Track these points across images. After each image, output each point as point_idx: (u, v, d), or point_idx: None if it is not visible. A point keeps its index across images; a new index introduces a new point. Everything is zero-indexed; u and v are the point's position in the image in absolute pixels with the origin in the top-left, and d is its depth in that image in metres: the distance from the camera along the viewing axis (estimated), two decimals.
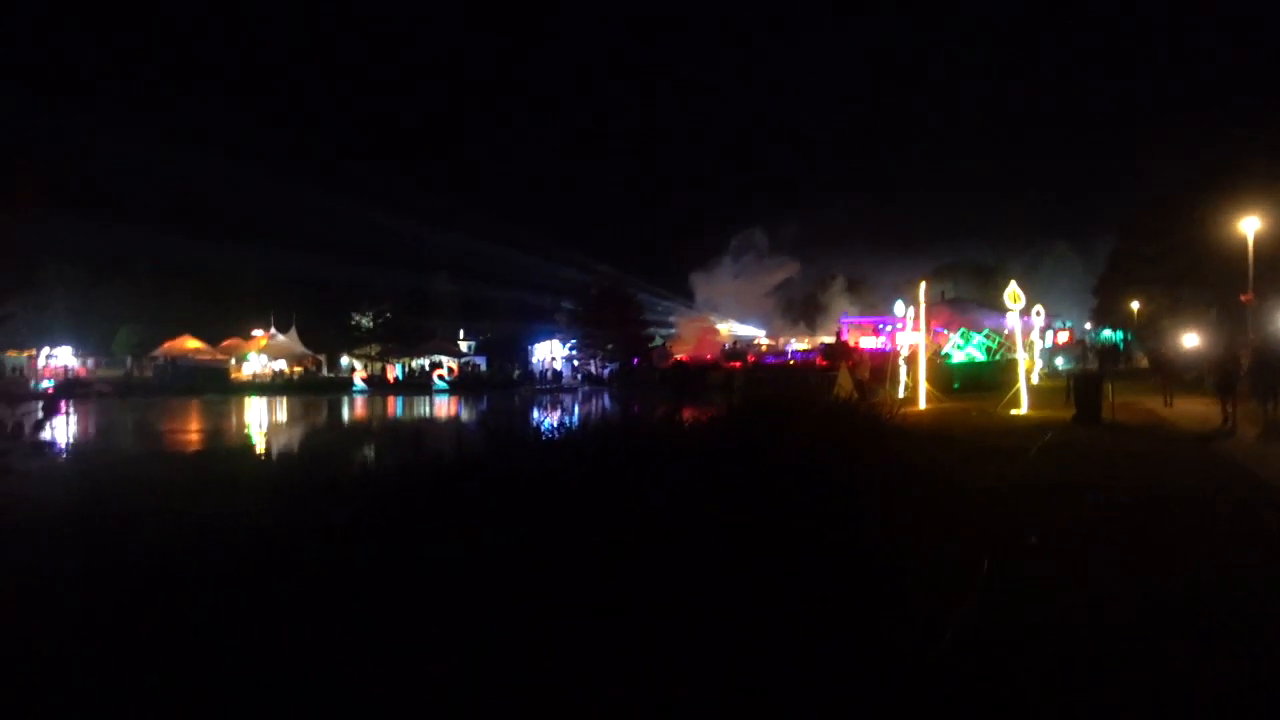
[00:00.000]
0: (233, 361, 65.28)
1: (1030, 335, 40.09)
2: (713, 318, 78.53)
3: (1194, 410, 21.51)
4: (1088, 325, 71.84)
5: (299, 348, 68.84)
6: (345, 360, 74.45)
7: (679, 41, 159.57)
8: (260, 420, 37.67)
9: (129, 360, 65.03)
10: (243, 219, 71.08)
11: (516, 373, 72.33)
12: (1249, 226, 26.06)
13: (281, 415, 40.55)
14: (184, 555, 6.66)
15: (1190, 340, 25.83)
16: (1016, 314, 25.63)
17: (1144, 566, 7.47)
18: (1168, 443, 16.63)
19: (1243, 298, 26.84)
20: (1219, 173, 38.84)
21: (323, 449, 25.51)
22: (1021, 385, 23.94)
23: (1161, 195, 49.45)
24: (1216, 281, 39.27)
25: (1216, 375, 21.25)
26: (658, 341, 77.49)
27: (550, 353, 77.88)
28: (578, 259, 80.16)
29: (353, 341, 75.91)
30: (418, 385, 64.55)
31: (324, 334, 72.76)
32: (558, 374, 71.47)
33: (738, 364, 62.30)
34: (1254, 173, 34.62)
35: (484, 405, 45.02)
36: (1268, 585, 6.95)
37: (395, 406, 47.12)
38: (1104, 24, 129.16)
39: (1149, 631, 5.84)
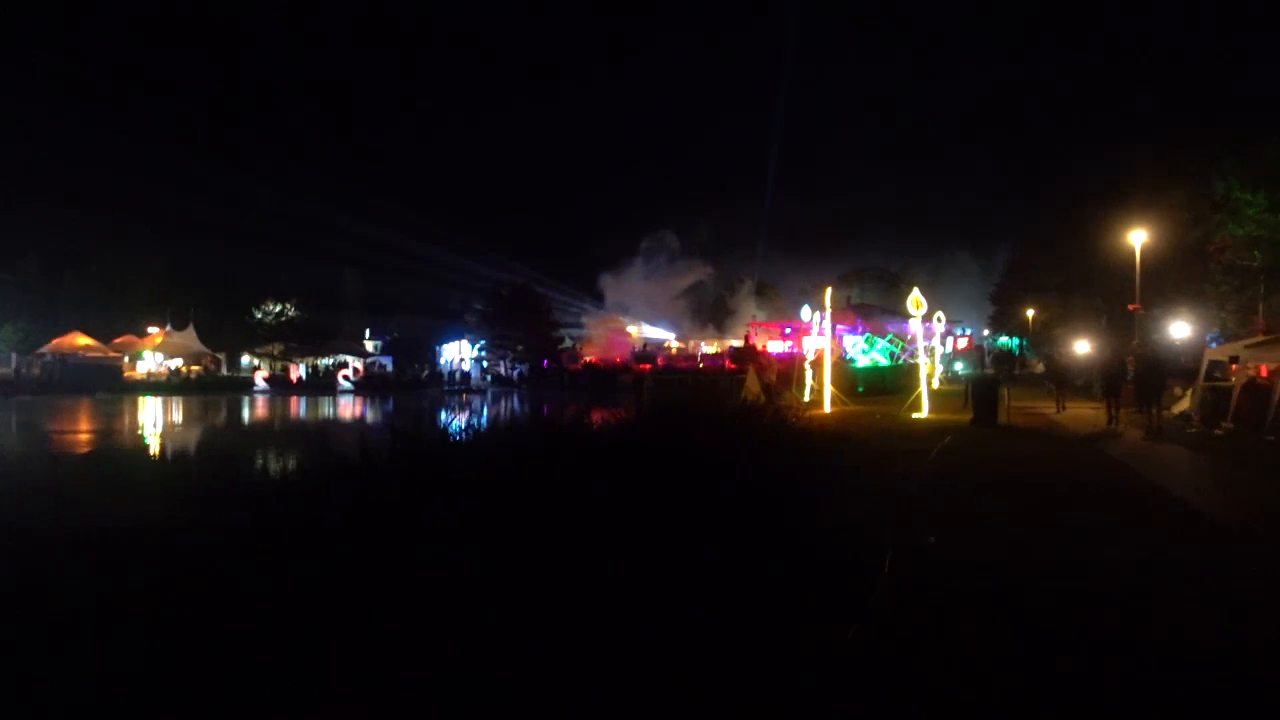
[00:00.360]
0: (126, 360, 62.86)
1: (931, 341, 41.23)
2: (623, 320, 78.72)
3: (1084, 415, 22.44)
4: (986, 331, 74.21)
5: (197, 345, 66.70)
6: (246, 359, 72.37)
7: (590, 40, 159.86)
8: (154, 421, 36.38)
9: (14, 358, 62.10)
10: (138, 208, 68.71)
11: (424, 373, 71.35)
12: (1136, 239, 27.23)
13: (177, 416, 39.22)
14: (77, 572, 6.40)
15: (1082, 347, 26.92)
16: (919, 320, 26.35)
17: (1042, 570, 7.72)
18: (1059, 444, 17.27)
19: (1130, 306, 28.04)
20: (1110, 185, 40.46)
21: (218, 452, 24.75)
22: (923, 389, 24.61)
23: (1056, 206, 51.34)
24: (1106, 290, 40.90)
25: (1103, 380, 22.43)
26: (568, 343, 77.37)
27: (459, 353, 77.12)
28: (489, 258, 79.59)
29: (254, 340, 73.83)
30: (322, 386, 63.20)
31: (224, 331, 70.64)
32: (466, 375, 70.80)
33: (647, 366, 62.57)
34: (1142, 185, 36.13)
35: (390, 407, 44.30)
36: (1134, 567, 7.27)
37: (298, 408, 46.01)
38: (1007, 33, 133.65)
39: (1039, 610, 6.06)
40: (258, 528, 6.70)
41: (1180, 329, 35.77)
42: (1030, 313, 56.37)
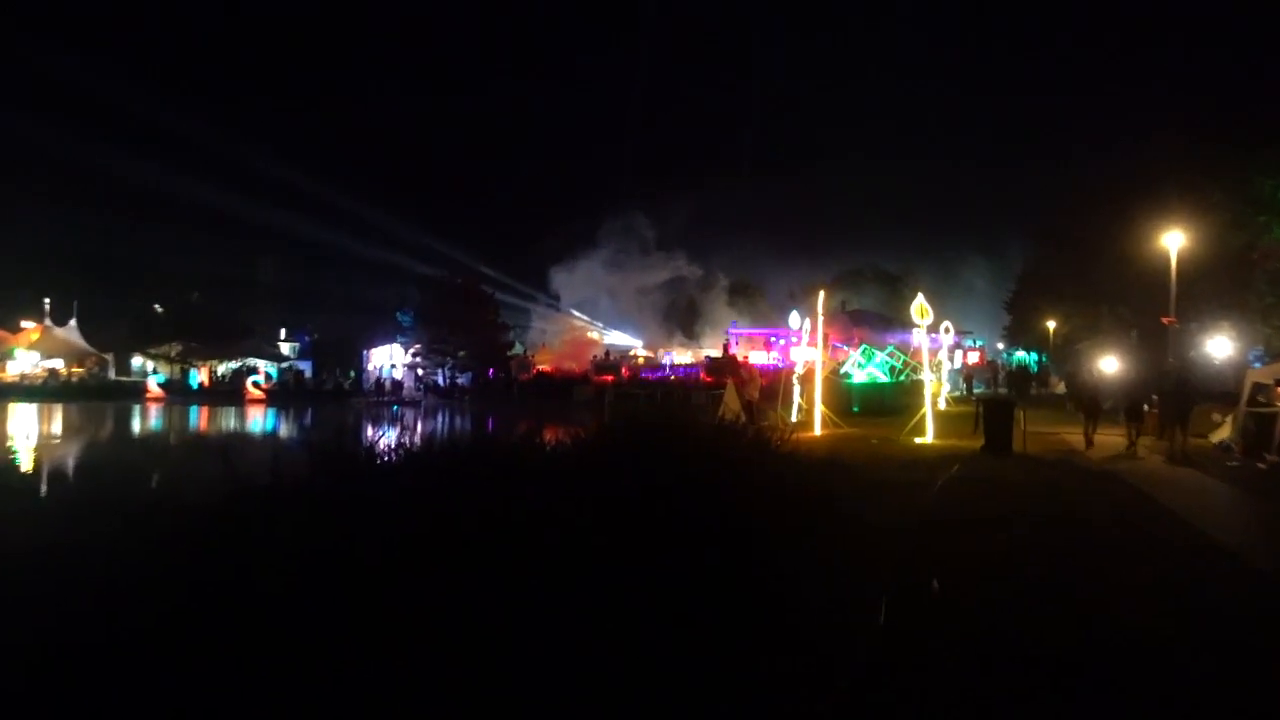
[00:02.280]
0: None
1: (938, 355, 41.53)
2: (582, 323, 78.72)
3: (1110, 442, 22.58)
4: (1000, 345, 74.95)
5: (80, 344, 65.83)
6: (138, 361, 71.49)
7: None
8: (22, 434, 35.77)
9: None
10: (10, 180, 67.56)
11: (348, 381, 70.90)
12: (1171, 243, 27.49)
13: (49, 428, 38.60)
14: None
15: (1109, 364, 27.22)
16: (924, 330, 26.51)
17: (1066, 627, 7.75)
18: (1081, 476, 17.39)
19: (1164, 320, 28.34)
20: (1140, 182, 41.03)
21: (84, 475, 24.30)
22: (927, 410, 24.76)
23: (1080, 204, 51.93)
24: (1136, 301, 41.45)
25: (1127, 402, 22.81)
26: (518, 349, 77.15)
27: (390, 359, 76.66)
28: (429, 249, 79.20)
29: (148, 338, 72.79)
30: (227, 394, 62.60)
31: (113, 328, 69.74)
32: (398, 384, 70.43)
33: (609, 378, 62.55)
34: (1174, 182, 36.62)
35: (307, 420, 43.92)
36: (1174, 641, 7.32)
37: (197, 419, 45.49)
38: (1025, 20, 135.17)
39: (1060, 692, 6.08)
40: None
41: (1220, 346, 36.31)
42: (1051, 324, 56.99)
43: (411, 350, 75.21)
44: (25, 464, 25.34)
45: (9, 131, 70.90)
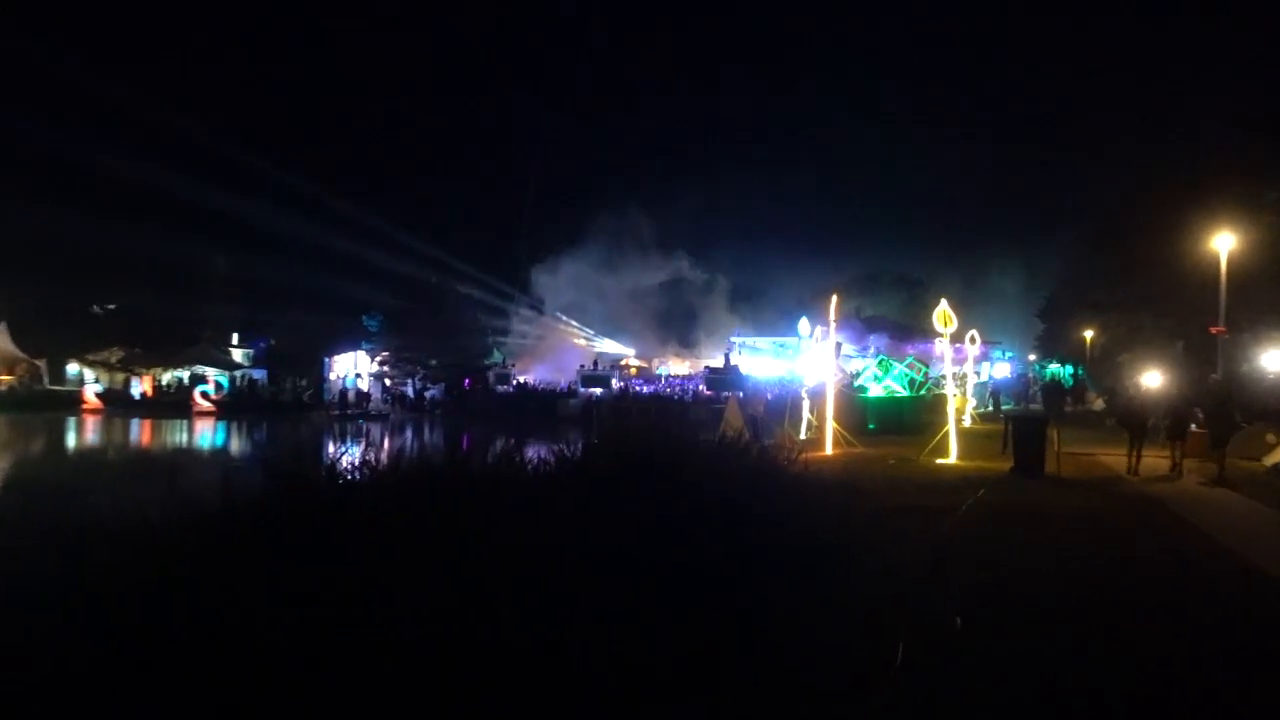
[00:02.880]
0: None
1: (963, 366, 41.55)
2: (567, 329, 78.71)
3: (1159, 465, 22.55)
4: (1031, 356, 75.03)
5: (10, 349, 65.66)
6: (74, 368, 71.30)
7: None
8: None
9: None
10: None
11: (308, 393, 70.74)
12: (1222, 244, 27.57)
13: None
14: None
15: (1152, 379, 27.20)
16: (947, 340, 26.50)
17: (1109, 680, 7.74)
18: (1124, 502, 17.34)
19: (1213, 329, 28.41)
20: (1192, 179, 41.13)
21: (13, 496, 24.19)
22: (950, 428, 24.76)
23: (1125, 203, 52.06)
24: (1184, 309, 41.53)
25: (1169, 420, 22.69)
26: (496, 357, 77.11)
27: (354, 368, 76.56)
28: (398, 245, 78.99)
29: (86, 343, 72.52)
30: (173, 405, 62.47)
31: (46, 332, 69.49)
32: (363, 396, 70.32)
33: (599, 389, 62.62)
34: (1231, 181, 36.74)
35: (261, 435, 43.84)
36: None
37: (138, 434, 45.37)
38: (1062, 13, 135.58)
39: None
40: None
41: (1275, 359, 36.37)
42: (1088, 334, 57.06)
43: (378, 358, 75.16)
44: None
45: None
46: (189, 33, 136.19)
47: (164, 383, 70.79)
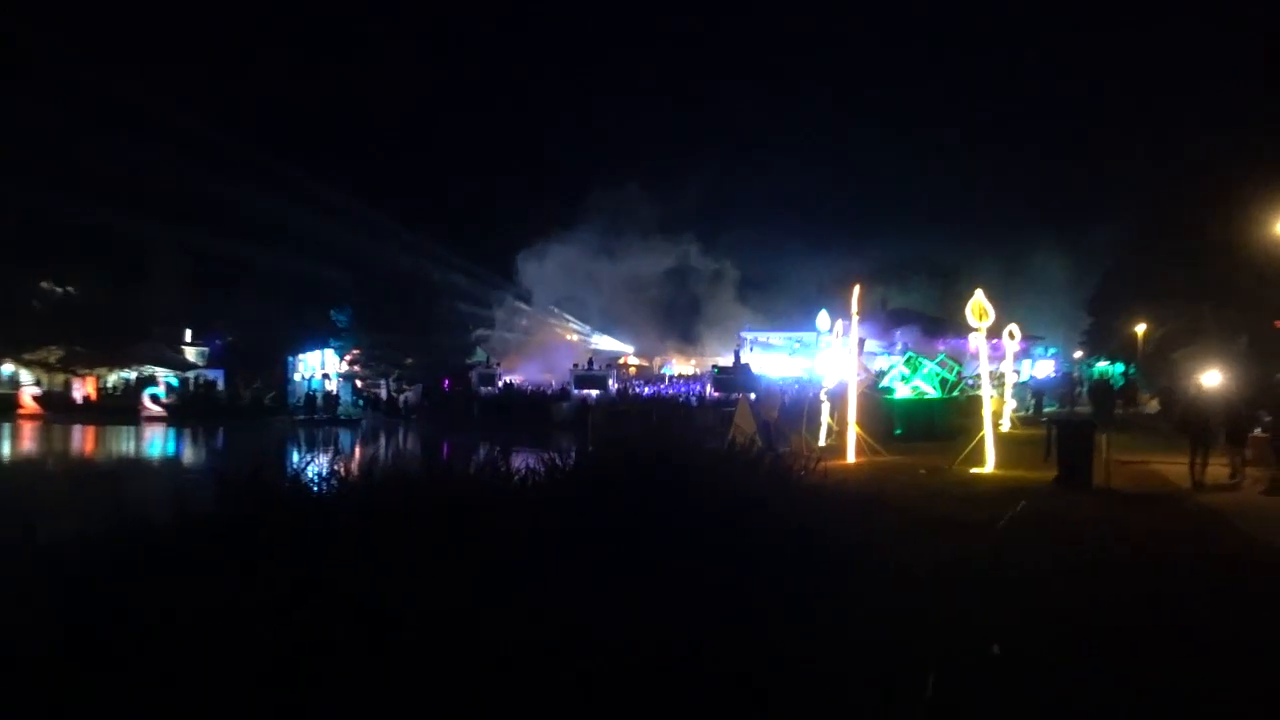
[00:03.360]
0: None
1: (1000, 364, 41.50)
2: (559, 324, 78.68)
3: (1218, 474, 22.43)
4: (1078, 353, 75.03)
5: None
6: (8, 369, 71.30)
7: None
8: None
9: None
10: None
11: (270, 395, 70.77)
12: None
13: None
14: None
15: (1212, 378, 27.11)
16: (983, 335, 26.44)
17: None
18: (1183, 520, 17.26)
19: (1278, 323, 28.45)
20: (1258, 158, 41.03)
21: None
22: (987, 433, 24.72)
23: (1184, 184, 51.94)
24: (1247, 300, 41.47)
25: (1230, 423, 22.54)
26: (480, 356, 77.09)
27: (322, 368, 76.53)
28: (370, 231, 78.91)
29: (21, 341, 72.28)
30: (120, 410, 62.45)
31: None
32: (332, 399, 70.31)
33: (595, 391, 62.61)
34: None
35: (219, 443, 43.84)
36: None
37: (80, 442, 45.36)
38: None
39: None
40: None
41: None
42: (1140, 328, 56.97)
43: (348, 357, 75.07)
44: None
45: None
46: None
47: (109, 384, 70.79)
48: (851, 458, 26.43)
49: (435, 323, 73.13)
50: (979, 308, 25.01)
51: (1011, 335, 40.85)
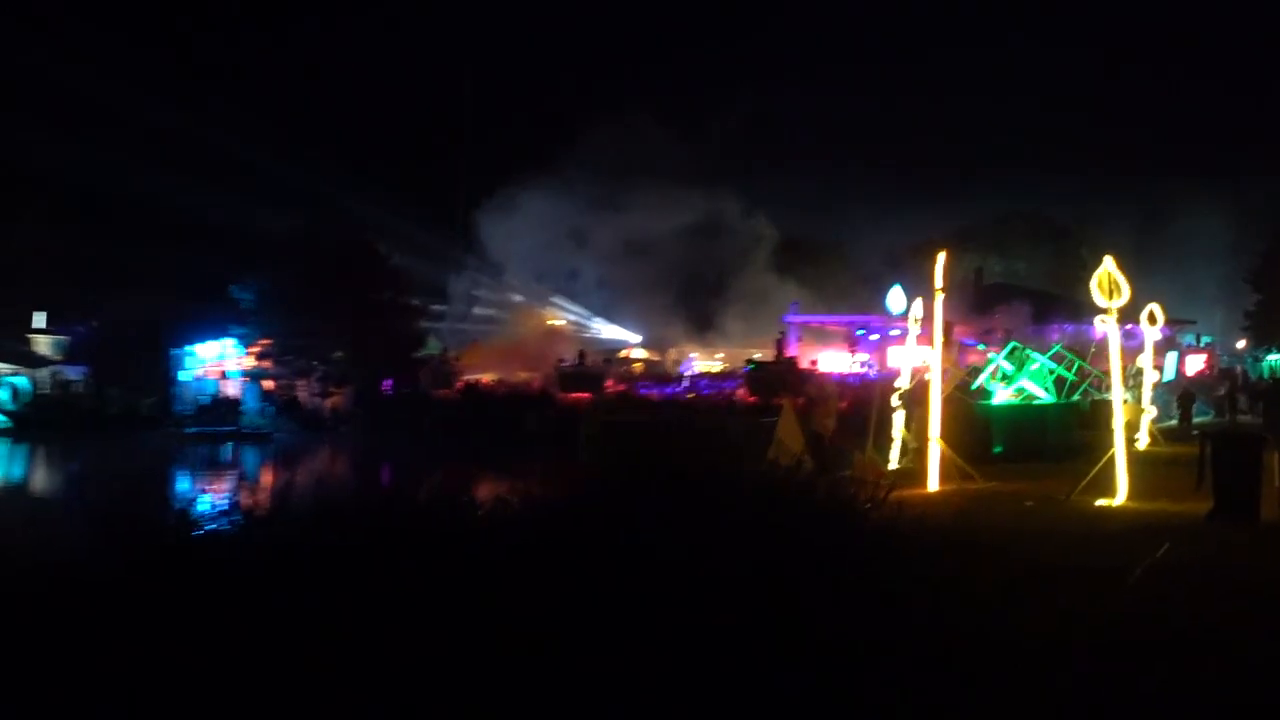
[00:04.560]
0: None
1: (1137, 359, 41.39)
2: (539, 306, 78.56)
3: None
4: (1240, 343, 74.84)
5: None
6: None
7: None
8: None
9: None
10: None
11: (150, 401, 70.69)
12: None
13: None
14: None
15: None
16: (1113, 319, 26.33)
17: None
18: None
19: None
20: None
21: None
22: (1118, 452, 24.63)
23: None
24: None
25: None
26: (433, 348, 76.94)
27: (221, 363, 76.37)
28: (286, 184, 78.62)
29: None
30: None
31: None
32: (233, 406, 70.23)
33: (587, 395, 62.51)
34: None
35: (78, 465, 43.75)
36: None
37: None
38: None
39: None
40: None
41: None
42: None
43: (255, 349, 74.84)
44: None
45: None
46: None
47: None
48: (934, 484, 26.39)
49: (373, 304, 72.89)
50: (1108, 281, 24.89)
51: (1152, 319, 40.75)
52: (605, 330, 79.86)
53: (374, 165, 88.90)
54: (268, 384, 73.79)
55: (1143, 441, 36.78)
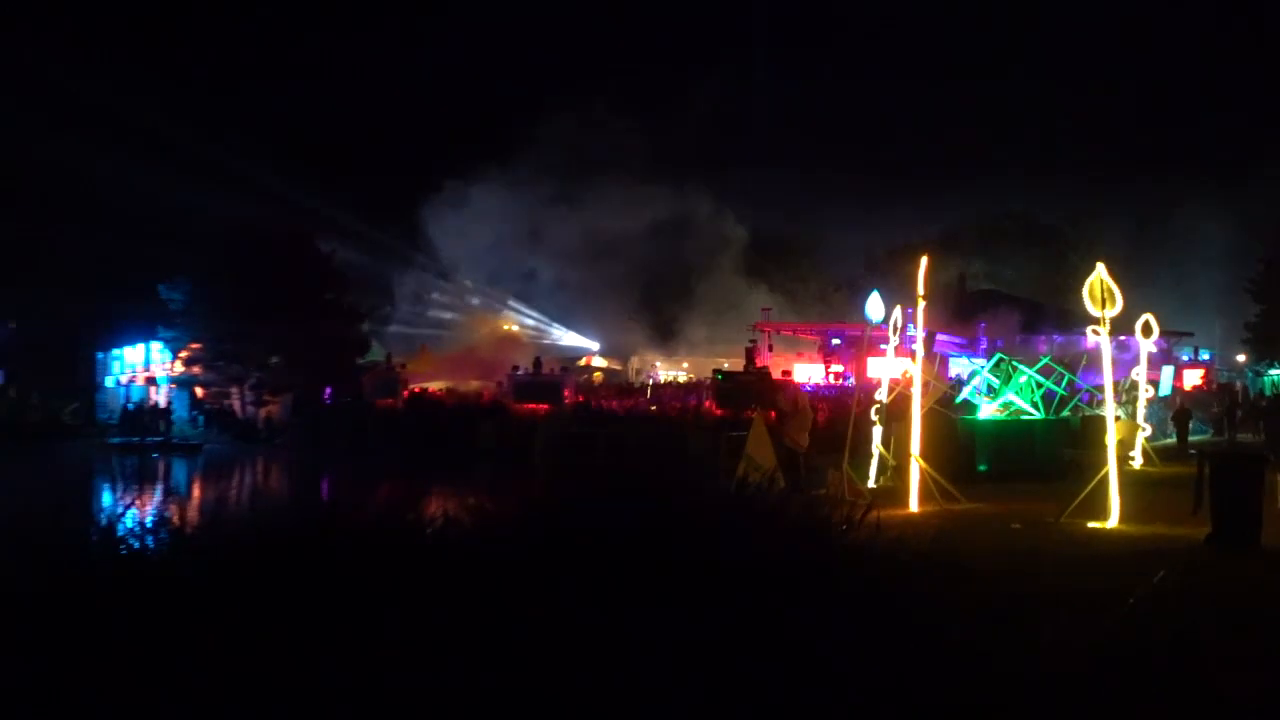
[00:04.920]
0: None
1: (1131, 372, 41.60)
2: (492, 310, 78.55)
3: None
4: (1241, 356, 75.24)
5: None
6: None
7: None
8: None
9: None
10: None
11: (71, 408, 70.42)
12: None
13: None
14: None
15: None
16: (1105, 329, 26.41)
17: None
18: None
19: None
20: None
21: None
22: (1111, 471, 24.69)
23: None
24: None
25: None
26: (376, 354, 76.87)
27: (149, 369, 76.11)
28: (221, 176, 78.37)
29: None
30: None
31: None
32: (162, 415, 70.03)
33: (543, 407, 62.53)
34: None
35: None
36: None
37: None
38: None
39: None
40: None
41: None
42: None
43: (184, 354, 74.62)
44: None
45: None
46: None
47: None
48: (915, 505, 26.45)
49: (313, 305, 72.69)
50: (1101, 289, 24.96)
51: (1147, 330, 40.89)
52: (563, 337, 79.85)
53: (317, 157, 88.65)
54: (198, 391, 73.58)
55: (1137, 461, 36.91)
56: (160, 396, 73.05)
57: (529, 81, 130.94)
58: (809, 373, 64.64)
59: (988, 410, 38.11)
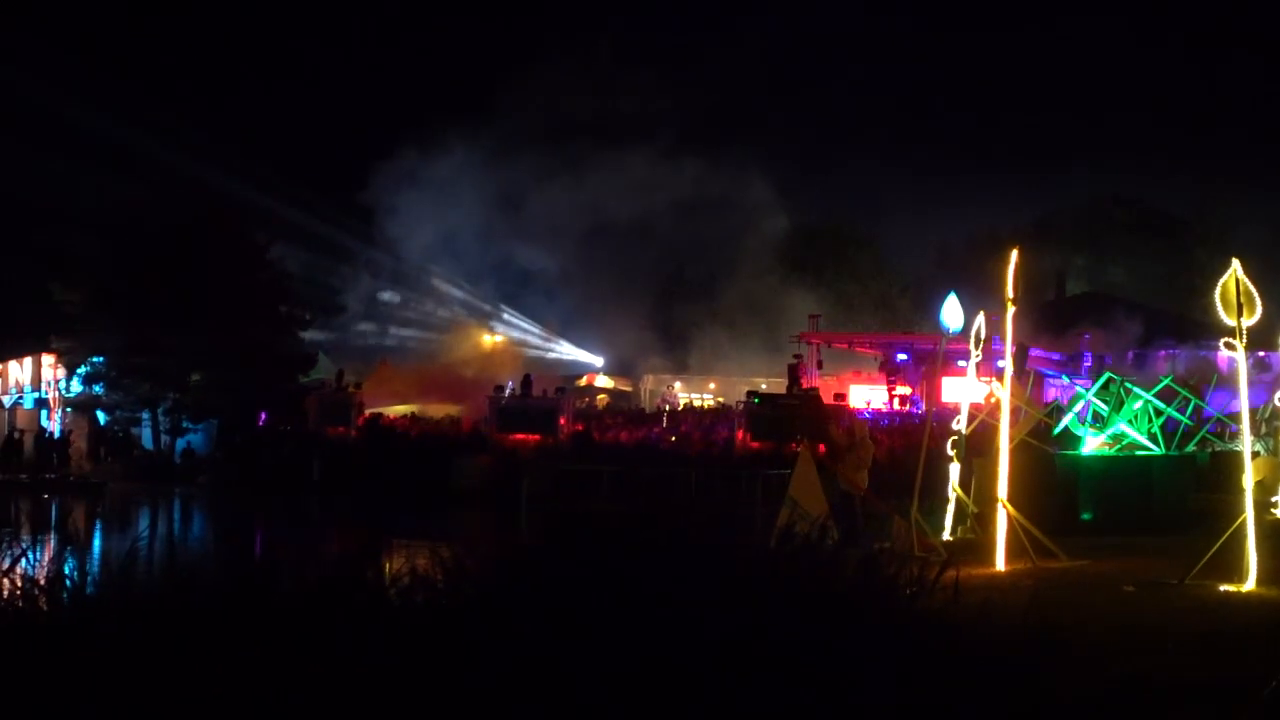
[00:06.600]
0: None
1: (1274, 395, 41.41)
2: (470, 316, 78.67)
3: None
4: None
5: None
6: None
7: None
8: None
9: None
10: None
11: None
12: None
13: None
14: None
15: None
16: (1242, 344, 26.26)
17: None
18: None
19: None
20: None
21: None
22: (1248, 520, 24.58)
23: None
24: None
25: None
26: (322, 370, 76.95)
27: (35, 386, 76.29)
28: (130, 146, 78.67)
29: None
30: None
31: None
32: (57, 445, 70.16)
33: (533, 437, 62.63)
34: None
35: None
36: None
37: None
38: None
39: None
40: None
41: None
42: None
43: (82, 369, 74.63)
44: None
45: None
46: None
47: None
48: (1001, 563, 26.37)
49: (244, 309, 72.57)
50: (1236, 292, 24.82)
51: None
52: (560, 349, 79.96)
53: (249, 129, 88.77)
54: (100, 415, 73.69)
55: None
56: (53, 423, 73.17)
57: (517, 19, 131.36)
58: (868, 396, 64.78)
59: (1093, 444, 38.04)
